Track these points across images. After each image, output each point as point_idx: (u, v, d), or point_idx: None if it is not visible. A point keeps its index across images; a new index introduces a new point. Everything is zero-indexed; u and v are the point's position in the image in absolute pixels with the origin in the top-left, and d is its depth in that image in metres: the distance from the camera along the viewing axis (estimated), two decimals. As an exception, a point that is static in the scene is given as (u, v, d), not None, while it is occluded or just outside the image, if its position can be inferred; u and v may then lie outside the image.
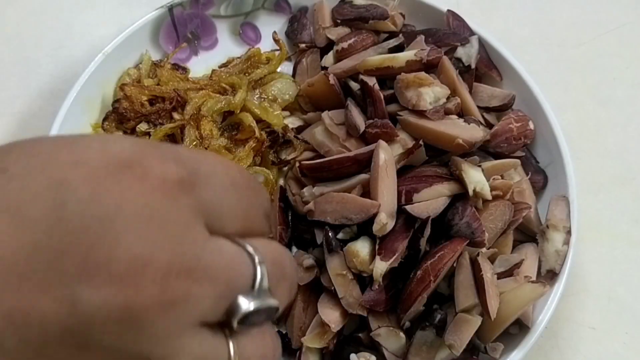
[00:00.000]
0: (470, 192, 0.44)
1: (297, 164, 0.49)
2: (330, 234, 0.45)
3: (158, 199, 0.20)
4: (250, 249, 0.23)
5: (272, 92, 0.53)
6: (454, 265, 0.43)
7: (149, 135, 0.50)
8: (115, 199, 0.19)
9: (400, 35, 0.53)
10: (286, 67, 0.57)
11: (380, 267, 0.42)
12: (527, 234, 0.49)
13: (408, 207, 0.44)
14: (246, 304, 0.22)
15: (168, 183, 0.20)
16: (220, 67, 0.56)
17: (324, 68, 0.53)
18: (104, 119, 0.52)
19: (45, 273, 0.18)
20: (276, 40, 0.56)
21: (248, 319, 0.22)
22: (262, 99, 0.53)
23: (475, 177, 0.44)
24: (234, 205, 0.23)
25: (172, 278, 0.19)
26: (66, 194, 0.19)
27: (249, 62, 0.55)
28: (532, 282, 0.44)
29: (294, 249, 0.49)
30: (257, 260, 0.23)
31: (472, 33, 0.54)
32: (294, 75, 0.55)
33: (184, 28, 0.57)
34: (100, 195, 0.19)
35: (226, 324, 0.22)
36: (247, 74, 0.54)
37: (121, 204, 0.19)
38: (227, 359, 0.22)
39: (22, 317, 0.18)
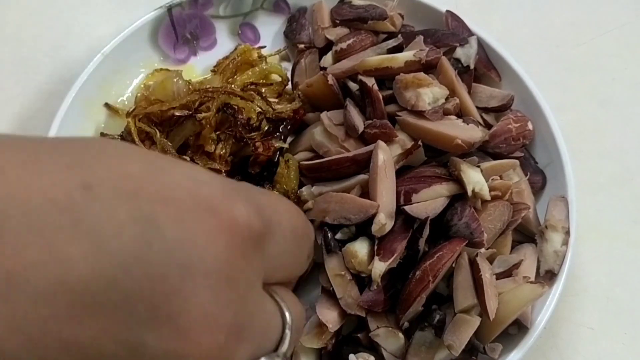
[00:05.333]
0: (469, 193, 0.44)
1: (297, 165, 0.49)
2: (328, 234, 0.45)
3: (237, 257, 0.20)
4: (286, 313, 0.24)
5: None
6: (453, 265, 0.43)
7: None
8: (200, 248, 0.19)
9: (399, 35, 0.53)
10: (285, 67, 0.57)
11: (379, 267, 0.42)
12: (526, 234, 0.49)
13: (407, 208, 0.44)
14: None
15: (249, 238, 0.20)
16: (212, 70, 0.56)
17: (323, 68, 0.53)
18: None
19: (113, 312, 0.17)
20: None
21: None
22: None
23: (474, 178, 0.44)
24: (289, 256, 0.24)
25: (230, 339, 0.20)
26: (153, 233, 0.18)
27: (240, 61, 0.55)
28: (531, 282, 0.44)
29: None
30: (287, 325, 0.23)
31: (471, 33, 0.54)
32: (292, 76, 0.55)
33: (182, 28, 0.57)
34: (186, 241, 0.19)
35: None
36: (238, 74, 0.54)
37: (204, 256, 0.19)
38: None
39: (78, 349, 0.17)
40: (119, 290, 0.17)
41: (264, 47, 0.57)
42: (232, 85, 0.52)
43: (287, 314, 0.23)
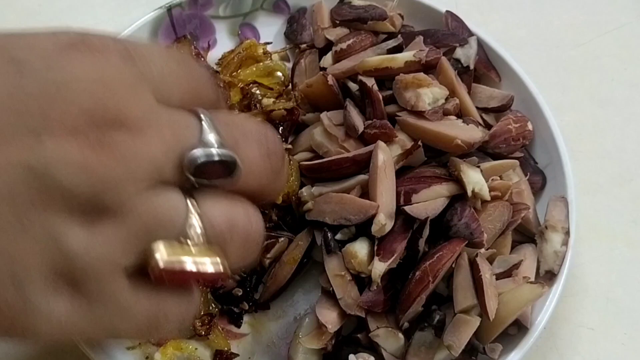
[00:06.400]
0: (469, 193, 0.44)
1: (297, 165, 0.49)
2: (328, 234, 0.45)
3: (103, 64, 0.23)
4: (196, 109, 0.25)
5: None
6: (453, 266, 0.43)
7: None
8: (66, 67, 0.22)
9: (399, 36, 0.53)
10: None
11: (379, 267, 0.42)
12: (526, 234, 0.49)
13: (407, 208, 0.44)
14: (195, 152, 0.23)
15: (110, 53, 0.23)
16: (216, 63, 0.56)
17: (323, 69, 0.53)
18: None
19: (11, 128, 0.21)
20: None
21: (204, 173, 0.23)
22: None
23: (474, 178, 0.44)
24: (176, 74, 0.26)
25: (122, 130, 0.22)
26: (24, 67, 0.22)
27: (245, 55, 0.55)
28: (531, 282, 0.44)
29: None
30: (202, 115, 0.24)
31: (471, 34, 0.54)
32: (292, 76, 0.55)
33: (182, 29, 0.57)
34: (53, 65, 0.22)
35: (186, 185, 0.23)
36: (242, 68, 0.54)
37: (71, 69, 0.22)
38: (185, 215, 0.23)
39: None
40: (9, 112, 0.21)
41: (270, 43, 0.57)
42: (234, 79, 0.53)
43: (196, 110, 0.25)
